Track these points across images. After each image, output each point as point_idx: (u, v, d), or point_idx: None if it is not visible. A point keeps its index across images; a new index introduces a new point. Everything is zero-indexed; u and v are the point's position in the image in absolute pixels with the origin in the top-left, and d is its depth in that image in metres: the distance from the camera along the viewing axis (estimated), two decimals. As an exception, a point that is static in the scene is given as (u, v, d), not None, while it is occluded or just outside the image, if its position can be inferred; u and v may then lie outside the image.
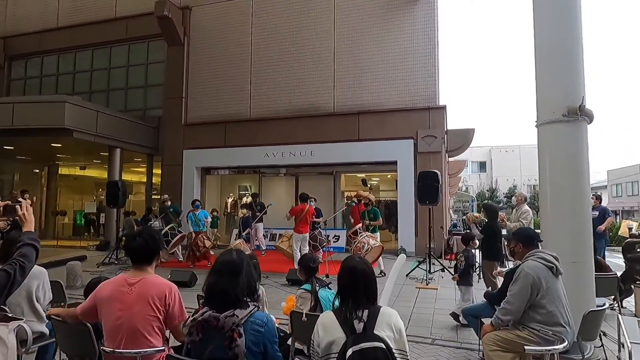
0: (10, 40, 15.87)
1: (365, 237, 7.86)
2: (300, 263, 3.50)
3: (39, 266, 3.50)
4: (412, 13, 11.70)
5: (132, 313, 2.32)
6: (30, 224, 2.28)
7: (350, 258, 2.20)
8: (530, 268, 3.08)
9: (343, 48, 12.19)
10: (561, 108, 3.70)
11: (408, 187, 10.99)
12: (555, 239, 3.71)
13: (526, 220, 7.08)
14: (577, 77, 3.78)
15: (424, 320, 5.44)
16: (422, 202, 8.36)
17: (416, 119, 11.38)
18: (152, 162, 14.35)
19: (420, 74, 11.51)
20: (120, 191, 9.83)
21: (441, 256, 9.53)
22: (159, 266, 8.75)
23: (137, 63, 14.63)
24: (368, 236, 7.95)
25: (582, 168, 3.73)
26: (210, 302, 1.98)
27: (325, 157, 12.09)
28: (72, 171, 16.93)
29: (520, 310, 3.07)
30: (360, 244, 7.75)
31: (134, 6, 14.16)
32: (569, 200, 3.71)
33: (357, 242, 7.81)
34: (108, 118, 12.14)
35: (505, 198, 38.68)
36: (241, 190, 15.23)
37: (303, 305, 3.15)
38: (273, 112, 12.63)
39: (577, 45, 3.81)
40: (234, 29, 13.24)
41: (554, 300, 3.02)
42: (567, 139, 3.73)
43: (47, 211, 16.24)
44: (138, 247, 2.46)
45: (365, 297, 2.03)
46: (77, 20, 14.94)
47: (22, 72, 16.17)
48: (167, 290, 2.41)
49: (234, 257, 2.08)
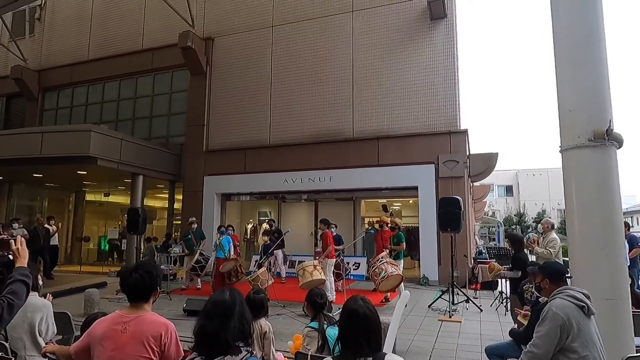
0: (45, 73, 16.68)
1: (385, 264, 7.49)
2: (307, 298, 3.31)
3: (43, 298, 3.46)
4: (432, 36, 11.67)
5: (124, 354, 2.18)
6: (24, 259, 2.21)
7: (353, 300, 2.01)
8: (558, 307, 2.80)
9: (362, 73, 12.22)
10: (586, 132, 3.46)
11: (429, 213, 10.68)
12: (586, 274, 3.41)
13: (554, 249, 6.68)
14: (603, 98, 3.55)
15: (445, 357, 5.12)
16: (443, 229, 8.07)
17: (437, 143, 11.17)
18: (174, 188, 14.54)
19: (440, 97, 11.36)
20: (140, 218, 9.90)
21: (465, 286, 9.10)
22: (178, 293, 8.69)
23: (162, 92, 15.06)
24: (388, 262, 7.56)
25: (612, 196, 3.45)
26: (200, 347, 1.84)
27: (344, 183, 11.96)
28: (98, 197, 17.35)
29: (548, 355, 2.78)
30: (378, 269, 7.38)
31: (159, 38, 14.71)
32: (600, 231, 3.42)
33: (375, 268, 7.43)
34: (131, 146, 12.43)
35: (534, 223, 37.38)
36: (261, 216, 15.21)
37: (310, 344, 2.96)
38: (292, 138, 12.66)
39: (601, 62, 3.58)
40: (255, 58, 13.51)
41: (587, 344, 2.72)
42: (594, 165, 3.47)
43: (72, 237, 16.60)
44: (134, 284, 2.33)
45: (367, 345, 1.84)
46: (107, 53, 15.60)
47: (54, 102, 16.89)
48: (163, 330, 2.27)
49: (226, 298, 1.94)
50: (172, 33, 13.79)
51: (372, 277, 7.32)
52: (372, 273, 7.36)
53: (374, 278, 7.27)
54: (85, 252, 16.79)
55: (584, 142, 3.47)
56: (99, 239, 17.20)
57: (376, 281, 7.23)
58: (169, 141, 14.56)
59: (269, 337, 3.18)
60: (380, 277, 7.10)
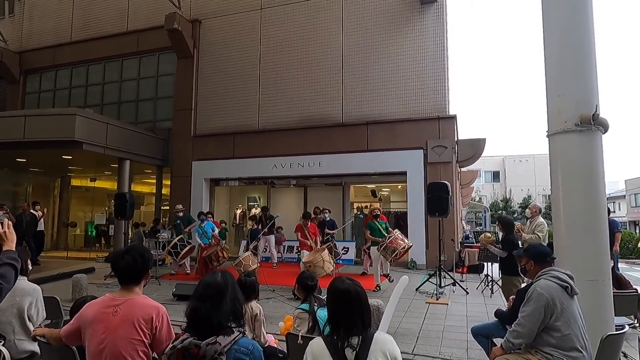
0: (26, 55, 16.21)
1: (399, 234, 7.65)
2: (298, 281, 3.35)
3: (33, 283, 3.43)
4: (422, 22, 11.60)
5: (115, 336, 2.18)
6: (11, 243, 2.17)
7: (339, 280, 2.03)
8: (543, 288, 2.89)
9: (351, 58, 12.13)
10: (573, 117, 3.51)
11: (418, 198, 10.78)
12: (570, 255, 3.49)
13: (542, 232, 6.82)
14: (590, 84, 3.59)
15: (433, 338, 5.23)
16: (431, 214, 8.15)
17: (426, 129, 11.21)
18: (162, 173, 14.40)
19: (429, 83, 11.36)
20: (128, 203, 9.80)
21: (452, 269, 9.26)
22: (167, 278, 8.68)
23: (148, 75, 14.77)
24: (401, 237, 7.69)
25: (597, 180, 3.52)
26: (192, 328, 1.85)
27: (333, 168, 11.97)
28: (84, 182, 17.10)
29: (532, 334, 2.87)
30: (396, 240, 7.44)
31: (144, 20, 14.36)
32: (584, 214, 3.49)
33: (392, 237, 7.47)
34: (118, 130, 12.23)
35: (520, 208, 38.02)
36: (250, 202, 15.18)
37: (301, 326, 3.00)
38: (281, 123, 12.58)
39: (589, 49, 3.61)
40: (243, 41, 13.30)
41: (570, 323, 2.81)
42: (580, 150, 3.52)
43: (59, 222, 16.39)
44: (126, 266, 2.32)
45: (360, 322, 1.87)
46: (90, 35, 15.19)
47: (37, 85, 16.47)
48: (154, 313, 2.27)
49: (218, 280, 1.95)
50: (158, 15, 13.46)
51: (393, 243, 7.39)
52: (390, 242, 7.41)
53: (396, 243, 7.36)
54: (72, 237, 16.62)
55: (571, 126, 3.52)
56: (86, 225, 17.02)
57: (398, 248, 7.30)
58: (156, 125, 14.35)
59: (260, 319, 3.21)
60: (401, 248, 7.26)
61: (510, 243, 5.92)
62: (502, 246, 6.08)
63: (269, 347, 3.21)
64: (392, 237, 7.50)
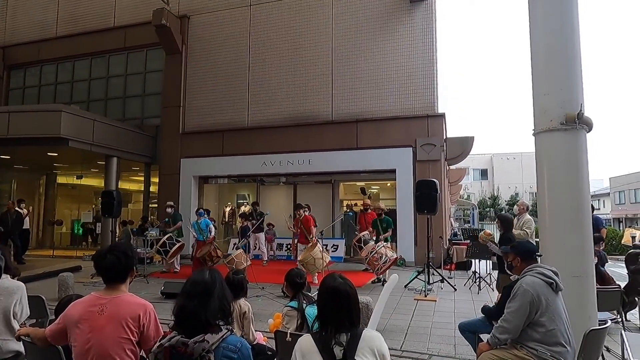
0: (9, 50, 15.90)
1: (383, 248, 7.63)
2: (286, 278, 3.35)
3: (18, 281, 3.38)
4: (411, 21, 11.65)
5: (102, 335, 2.16)
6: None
7: (331, 277, 2.05)
8: (528, 284, 2.93)
9: (341, 56, 12.13)
10: (559, 116, 3.56)
11: (407, 196, 10.85)
12: (555, 252, 3.55)
13: (529, 229, 6.91)
14: (575, 84, 3.65)
15: (421, 334, 5.27)
16: (420, 211, 8.21)
17: (415, 127, 11.27)
18: (150, 171, 14.26)
19: (418, 81, 11.42)
20: (115, 201, 9.67)
21: (440, 266, 9.35)
22: (156, 276, 8.57)
23: (135, 72, 14.60)
24: (385, 247, 7.72)
25: (581, 178, 3.58)
26: (179, 327, 1.84)
27: (323, 166, 11.97)
28: (70, 180, 16.85)
29: (518, 329, 2.92)
30: (378, 254, 7.48)
31: (132, 15, 14.18)
32: (569, 211, 3.56)
33: (374, 253, 7.52)
34: (104, 127, 12.07)
35: (507, 206, 38.48)
36: (239, 199, 15.12)
37: (289, 323, 3.00)
38: (271, 121, 12.54)
39: (575, 49, 3.67)
40: (232, 38, 13.21)
41: (554, 318, 2.86)
42: (565, 148, 3.59)
43: (44, 221, 16.13)
44: (109, 265, 2.30)
45: (348, 320, 1.89)
46: (76, 30, 14.95)
47: (21, 81, 16.16)
48: (142, 311, 2.26)
49: (206, 277, 1.94)
50: (146, 10, 13.31)
51: (372, 262, 7.48)
52: (370, 258, 7.49)
53: (374, 263, 7.44)
54: (57, 236, 16.36)
55: (557, 125, 3.58)
56: (72, 223, 16.78)
57: (377, 265, 7.42)
58: (144, 122, 14.20)
59: (249, 316, 3.21)
60: (382, 261, 7.31)
61: (508, 241, 5.97)
62: (500, 243, 6.15)
63: (258, 345, 3.21)
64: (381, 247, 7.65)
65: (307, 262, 7.52)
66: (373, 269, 7.69)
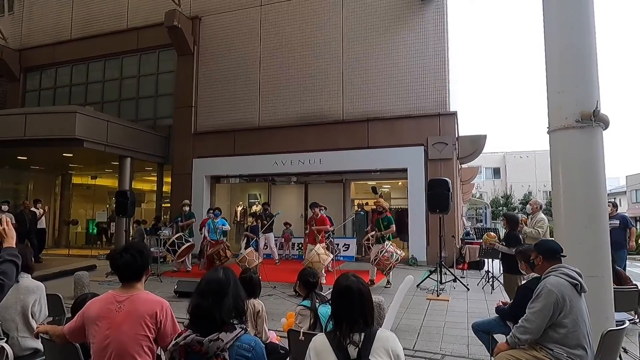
0: (26, 53, 16.20)
1: (391, 247, 7.66)
2: (299, 277, 3.36)
3: (37, 280, 3.44)
4: (422, 19, 11.57)
5: (120, 332, 2.20)
6: (11, 239, 2.18)
7: (344, 277, 2.05)
8: (553, 285, 2.86)
9: (352, 55, 12.10)
10: (574, 114, 3.50)
11: (419, 195, 10.79)
12: (571, 252, 3.48)
13: (542, 228, 6.84)
14: (591, 81, 3.58)
15: (433, 334, 5.24)
16: (432, 210, 8.15)
17: (426, 125, 11.20)
18: (163, 171, 14.41)
19: (430, 80, 11.34)
20: (129, 201, 9.81)
21: (453, 266, 9.27)
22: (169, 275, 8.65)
23: (148, 73, 14.77)
24: (393, 245, 7.75)
25: (597, 177, 3.52)
26: (194, 325, 1.86)
27: (334, 165, 11.96)
28: (85, 180, 17.12)
29: (540, 330, 2.86)
30: (388, 253, 7.51)
31: (144, 17, 14.34)
32: (585, 210, 3.50)
33: (384, 252, 7.54)
34: (118, 128, 12.23)
35: (521, 205, 38.00)
36: (251, 199, 15.20)
37: (302, 322, 3.01)
38: (282, 120, 12.58)
39: (590, 46, 3.61)
40: (243, 38, 13.28)
41: (577, 321, 2.79)
42: (581, 146, 3.52)
43: (60, 220, 16.42)
44: (126, 264, 2.33)
45: (362, 319, 1.89)
46: (90, 32, 15.18)
47: (37, 83, 16.46)
48: (158, 308, 2.29)
49: (220, 276, 1.96)
50: (158, 12, 13.45)
51: (382, 262, 7.48)
52: (381, 258, 7.49)
53: (385, 262, 7.45)
54: (73, 235, 16.64)
55: (572, 123, 3.52)
56: (87, 222, 17.05)
57: (388, 264, 7.45)
58: (157, 123, 14.35)
59: (262, 315, 3.23)
60: (393, 259, 7.35)
61: (515, 239, 5.95)
62: (506, 242, 6.10)
63: (271, 344, 3.23)
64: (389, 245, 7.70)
65: (312, 260, 7.53)
66: (383, 269, 7.67)
